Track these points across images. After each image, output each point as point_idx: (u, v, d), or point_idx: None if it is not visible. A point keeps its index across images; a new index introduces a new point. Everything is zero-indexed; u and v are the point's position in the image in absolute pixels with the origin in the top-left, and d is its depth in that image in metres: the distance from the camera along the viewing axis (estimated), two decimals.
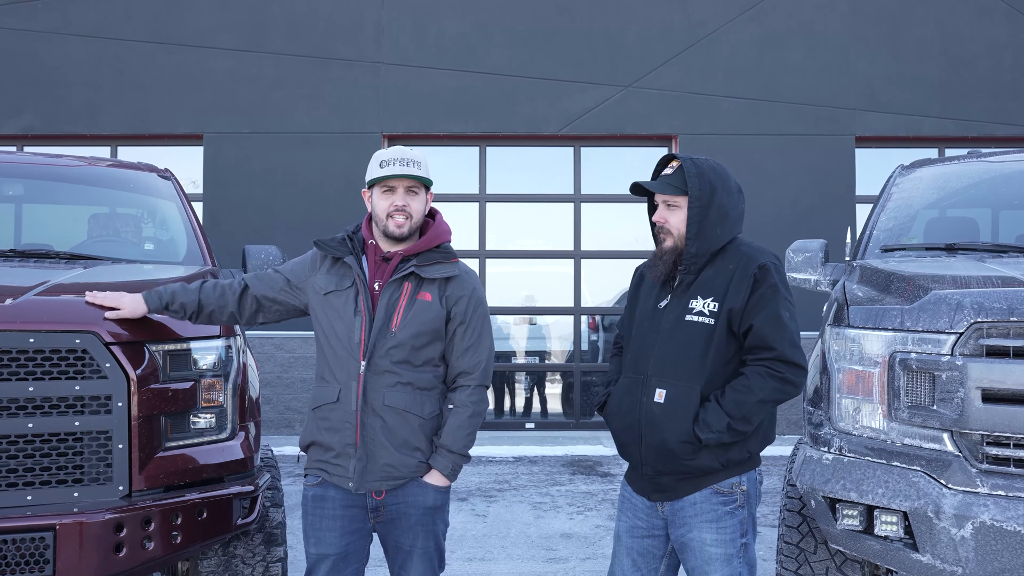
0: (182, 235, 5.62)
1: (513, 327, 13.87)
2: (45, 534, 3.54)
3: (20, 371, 3.63)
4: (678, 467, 3.41)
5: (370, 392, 3.58)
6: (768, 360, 3.36)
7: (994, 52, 13.31)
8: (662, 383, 3.42)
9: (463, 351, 3.72)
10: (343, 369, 3.61)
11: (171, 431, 3.93)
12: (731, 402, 3.34)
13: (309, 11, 13.11)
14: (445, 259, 3.74)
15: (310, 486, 3.72)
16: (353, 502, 3.66)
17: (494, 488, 9.19)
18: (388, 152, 3.70)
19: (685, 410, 3.37)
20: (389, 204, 3.66)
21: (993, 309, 3.63)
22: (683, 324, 3.45)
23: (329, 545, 3.65)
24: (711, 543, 3.43)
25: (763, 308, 3.38)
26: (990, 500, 3.53)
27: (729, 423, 3.32)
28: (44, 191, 5.99)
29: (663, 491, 3.50)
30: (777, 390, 3.36)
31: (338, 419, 3.61)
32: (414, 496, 3.66)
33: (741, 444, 3.44)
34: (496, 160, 13.52)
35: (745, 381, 3.37)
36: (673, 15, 13.24)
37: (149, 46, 13.01)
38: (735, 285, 3.41)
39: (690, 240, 3.47)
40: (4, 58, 13.01)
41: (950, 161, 5.93)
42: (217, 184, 12.99)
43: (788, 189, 13.06)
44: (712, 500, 3.45)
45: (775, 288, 3.41)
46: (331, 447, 3.64)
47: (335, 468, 3.65)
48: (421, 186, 3.71)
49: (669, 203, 3.52)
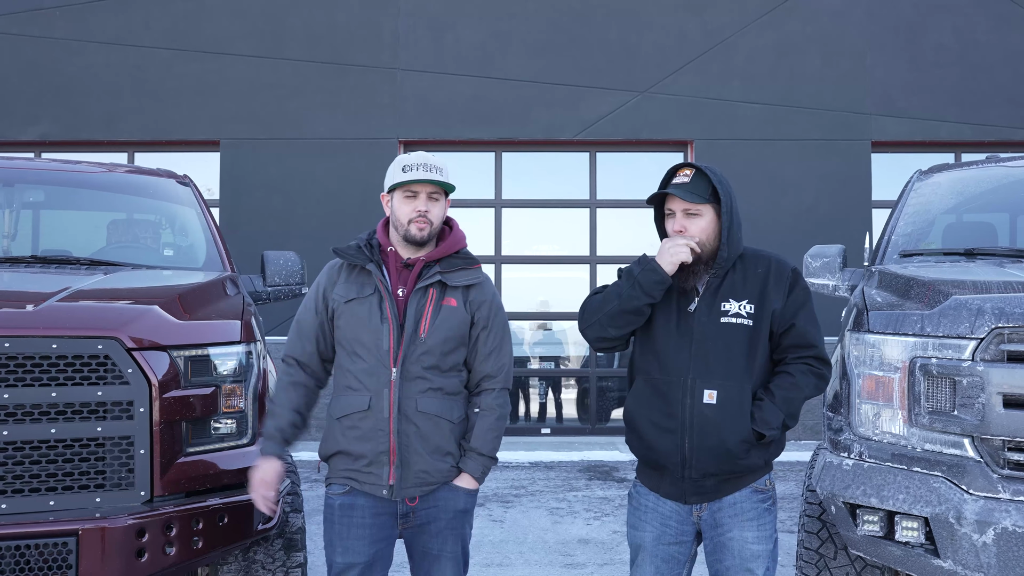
0: (201, 241, 5.63)
1: (529, 332, 13.88)
2: (68, 539, 3.56)
3: (43, 377, 3.64)
4: (730, 467, 3.44)
5: (403, 399, 3.57)
6: (809, 358, 3.50)
7: (1011, 58, 13.26)
8: (709, 384, 3.42)
9: (487, 355, 3.73)
10: (373, 377, 3.59)
11: (192, 437, 3.93)
12: (783, 400, 3.44)
13: (327, 19, 13.15)
14: (468, 265, 3.75)
15: (337, 495, 3.67)
16: (383, 509, 3.63)
17: (511, 493, 9.19)
18: (411, 157, 3.69)
19: (740, 410, 3.41)
20: (411, 209, 3.65)
21: (1014, 314, 3.62)
22: (721, 326, 3.47)
23: (358, 553, 3.62)
24: (753, 540, 3.47)
25: (801, 307, 3.51)
26: (1012, 506, 3.51)
27: (784, 419, 3.43)
28: (63, 197, 6.01)
29: (704, 493, 3.50)
30: (816, 387, 3.51)
31: (370, 427, 3.58)
32: (444, 500, 3.66)
33: (779, 442, 3.55)
34: (512, 166, 13.54)
35: (791, 379, 3.47)
36: (689, 22, 13.24)
37: (167, 54, 13.08)
38: (773, 287, 3.49)
39: (723, 245, 3.50)
40: (24, 66, 13.10)
41: (968, 166, 5.91)
42: (234, 191, 13.05)
43: (805, 194, 13.05)
44: (752, 499, 3.50)
45: (807, 289, 3.56)
46: (362, 455, 3.60)
47: (367, 476, 3.61)
48: (442, 192, 3.71)
49: (690, 211, 3.51)
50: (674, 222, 3.55)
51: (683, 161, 3.65)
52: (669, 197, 3.55)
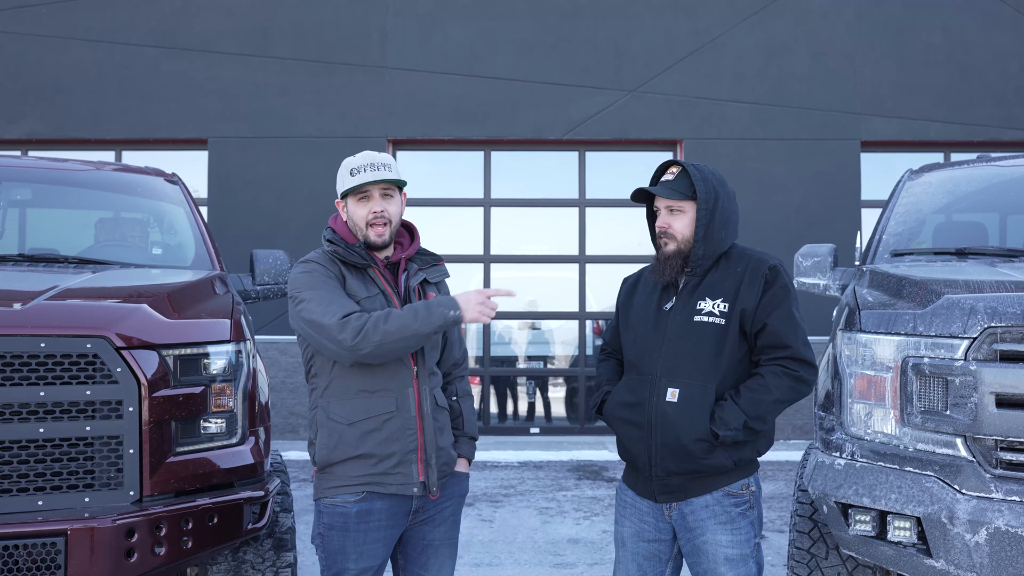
0: (190, 239, 5.61)
1: (517, 332, 13.84)
2: (56, 539, 3.53)
3: (31, 376, 3.62)
4: (692, 466, 3.42)
5: (423, 395, 3.62)
6: (783, 359, 3.42)
7: (1000, 58, 13.30)
8: (674, 382, 3.44)
9: (454, 343, 3.91)
10: (394, 378, 3.57)
11: (182, 436, 3.91)
12: (748, 400, 3.38)
13: (314, 17, 13.11)
14: (436, 261, 3.85)
15: (352, 503, 3.57)
16: (399, 509, 3.62)
17: (500, 493, 9.17)
18: (357, 159, 3.70)
19: (700, 408, 3.39)
20: (367, 212, 3.64)
21: (1007, 314, 3.62)
22: (692, 325, 3.47)
23: (373, 557, 3.60)
24: (726, 544, 3.45)
25: (776, 307, 3.44)
26: (1004, 505, 3.52)
27: (746, 421, 3.36)
28: (50, 195, 5.98)
29: (672, 492, 3.50)
30: (792, 389, 3.41)
31: (397, 428, 3.55)
32: (451, 487, 3.77)
33: (752, 443, 3.48)
34: (501, 165, 13.51)
35: (761, 380, 3.41)
36: (678, 21, 13.24)
37: (154, 51, 13.02)
38: (747, 286, 3.46)
39: (697, 243, 3.51)
40: (9, 63, 13.02)
41: (959, 166, 5.92)
42: (222, 189, 12.99)
43: (794, 194, 13.06)
44: (724, 503, 3.47)
45: (786, 288, 3.48)
46: (388, 456, 3.54)
47: (395, 478, 3.56)
48: (395, 188, 3.71)
49: (673, 208, 3.55)
50: (660, 218, 3.58)
51: (670, 160, 3.65)
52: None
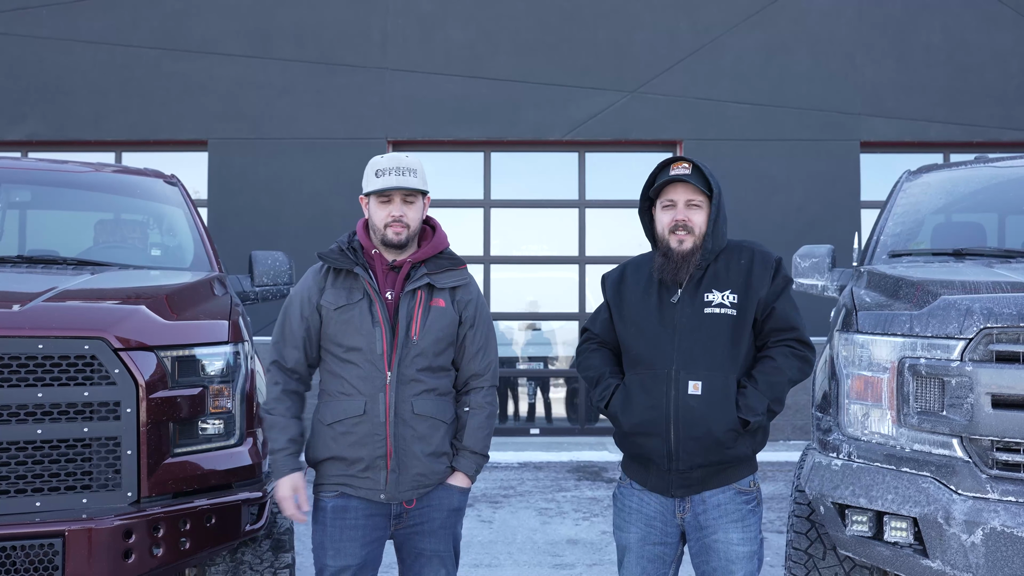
0: (189, 241, 5.61)
1: (517, 333, 13.84)
2: (54, 540, 3.54)
3: (29, 377, 3.63)
4: (718, 457, 3.45)
5: (399, 402, 3.57)
6: (791, 340, 3.52)
7: (1000, 59, 13.30)
8: (694, 375, 3.44)
9: (474, 354, 3.76)
10: (367, 382, 3.58)
11: (179, 437, 3.91)
12: (766, 384, 3.45)
13: (315, 18, 13.11)
14: (454, 266, 3.77)
15: (329, 498, 3.66)
16: (376, 511, 3.63)
17: (500, 494, 9.18)
18: (384, 161, 3.68)
19: (726, 399, 3.42)
20: (386, 214, 3.65)
21: (1003, 315, 3.63)
22: (704, 317, 3.49)
23: (350, 556, 3.61)
24: (738, 542, 3.48)
25: (780, 293, 3.54)
26: (1000, 506, 3.52)
27: (769, 404, 3.44)
28: (50, 197, 5.99)
29: (690, 485, 3.50)
30: (800, 369, 3.52)
31: (365, 432, 3.57)
32: (439, 500, 3.68)
33: (765, 431, 3.57)
34: (501, 166, 13.52)
35: (773, 363, 3.48)
36: (678, 21, 13.23)
37: (155, 53, 13.03)
38: (757, 276, 3.53)
39: (708, 237, 3.55)
40: (10, 64, 13.03)
41: (957, 167, 5.92)
42: (222, 190, 13.00)
43: (793, 194, 13.06)
44: (736, 500, 3.51)
45: (788, 279, 3.60)
46: (357, 460, 3.59)
47: (362, 481, 3.60)
48: (418, 194, 3.70)
49: (692, 202, 3.56)
50: (675, 212, 3.56)
51: (674, 156, 3.65)
52: (670, 188, 3.57)
